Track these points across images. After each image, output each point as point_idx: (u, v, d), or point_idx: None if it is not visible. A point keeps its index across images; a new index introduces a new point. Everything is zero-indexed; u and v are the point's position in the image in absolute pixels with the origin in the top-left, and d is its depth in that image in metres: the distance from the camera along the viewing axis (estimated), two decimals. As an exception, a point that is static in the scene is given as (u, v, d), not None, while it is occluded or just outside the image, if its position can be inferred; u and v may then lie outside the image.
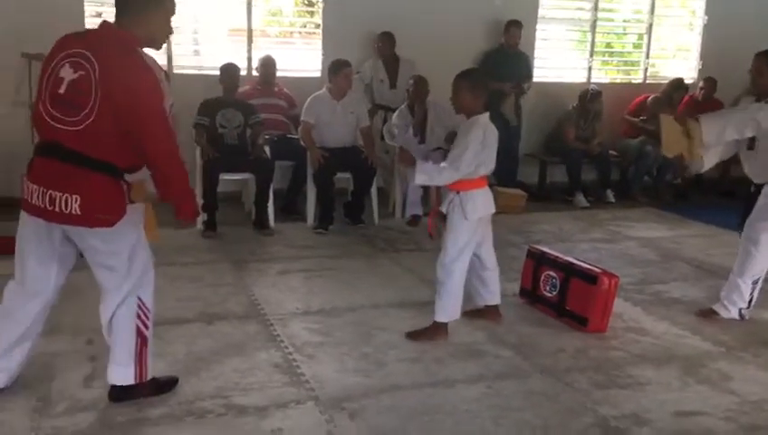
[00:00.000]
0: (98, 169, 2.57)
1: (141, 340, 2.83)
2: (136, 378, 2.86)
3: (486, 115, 3.62)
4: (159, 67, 2.68)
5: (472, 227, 3.62)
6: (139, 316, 2.81)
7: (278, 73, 6.37)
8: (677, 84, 7.48)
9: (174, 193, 2.72)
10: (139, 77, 2.56)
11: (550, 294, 4.06)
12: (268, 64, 6.32)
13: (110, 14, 6.88)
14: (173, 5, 2.74)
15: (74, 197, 2.56)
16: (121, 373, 2.85)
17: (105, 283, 2.79)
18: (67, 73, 2.56)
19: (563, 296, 3.97)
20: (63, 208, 2.57)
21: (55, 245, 2.74)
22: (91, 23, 6.18)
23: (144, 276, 2.81)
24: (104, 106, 2.52)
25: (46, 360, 3.23)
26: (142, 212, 2.81)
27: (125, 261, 2.74)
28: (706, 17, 8.14)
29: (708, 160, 3.97)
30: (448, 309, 3.66)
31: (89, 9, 6.16)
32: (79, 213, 2.57)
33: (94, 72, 2.53)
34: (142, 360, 2.86)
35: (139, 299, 2.80)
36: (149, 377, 2.91)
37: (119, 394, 2.88)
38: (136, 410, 2.88)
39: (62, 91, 2.56)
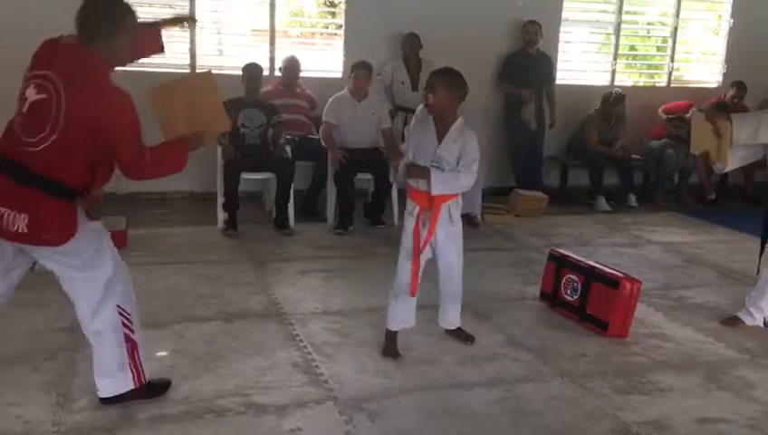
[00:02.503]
0: (48, 190, 2.53)
1: (132, 345, 2.81)
2: (134, 382, 2.84)
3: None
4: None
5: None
6: (124, 324, 2.78)
7: (300, 74, 6.39)
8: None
9: (165, 174, 2.83)
10: (107, 102, 2.53)
11: (570, 298, 4.03)
12: (292, 65, 6.33)
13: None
14: (136, 26, 2.68)
15: (22, 215, 2.53)
16: (115, 383, 2.82)
17: (70, 293, 2.76)
18: (30, 94, 2.54)
19: (584, 300, 3.94)
20: (11, 226, 2.54)
21: (6, 258, 2.70)
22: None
23: (113, 285, 2.75)
24: (68, 131, 2.48)
25: (68, 356, 3.26)
26: (100, 228, 2.76)
27: (82, 274, 2.70)
28: (732, 21, 8.04)
29: (732, 162, 3.93)
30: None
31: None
32: (26, 231, 2.54)
33: (59, 96, 2.48)
34: (137, 364, 2.84)
35: (118, 307, 2.77)
36: (147, 380, 2.89)
37: (111, 400, 2.86)
38: (157, 407, 2.90)
39: (24, 110, 2.55)
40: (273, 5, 6.60)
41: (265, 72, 6.14)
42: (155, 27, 3.01)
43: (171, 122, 2.84)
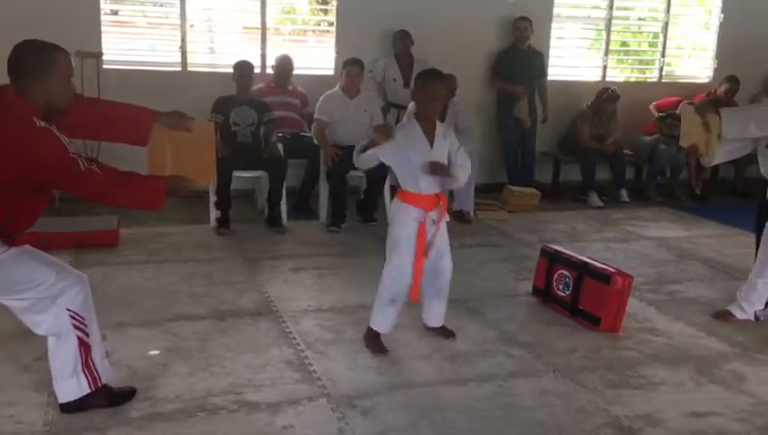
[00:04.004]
0: None
1: (84, 348, 2.76)
2: (90, 386, 2.79)
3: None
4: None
5: None
6: (75, 326, 2.72)
7: (293, 72, 6.38)
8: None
9: (126, 205, 2.86)
10: (34, 145, 2.47)
11: (563, 293, 4.04)
12: (285, 64, 6.32)
13: (126, 12, 6.92)
14: (68, 68, 2.61)
15: None
16: (71, 387, 2.78)
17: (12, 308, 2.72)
18: None
19: (576, 295, 3.95)
20: None
21: None
22: (107, 20, 6.23)
23: (56, 289, 2.68)
24: None
25: (60, 355, 3.24)
26: (22, 251, 2.66)
27: (11, 296, 2.67)
28: (723, 16, 8.06)
29: (719, 156, 3.95)
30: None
31: (105, 7, 6.19)
32: None
33: None
34: (90, 367, 2.79)
35: (68, 310, 2.70)
36: (103, 382, 2.84)
37: (70, 407, 2.81)
38: (149, 405, 2.90)
39: None
40: (264, 3, 6.59)
41: (257, 70, 6.13)
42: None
43: (158, 161, 2.83)
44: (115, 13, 6.40)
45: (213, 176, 3.06)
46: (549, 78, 7.32)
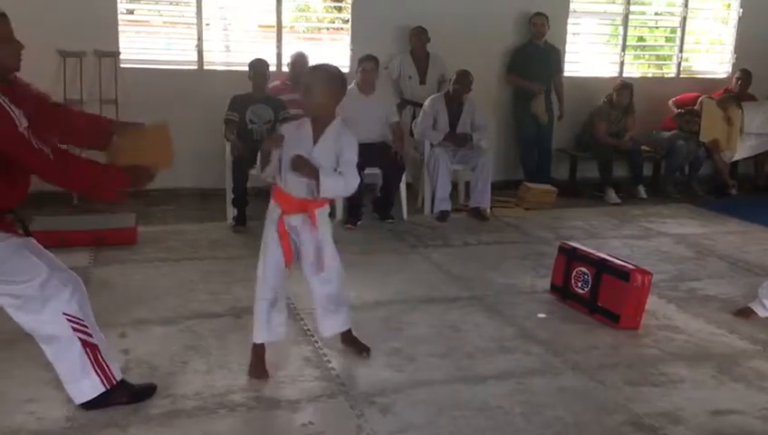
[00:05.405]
0: None
1: (90, 348, 2.73)
2: (104, 384, 2.78)
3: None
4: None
5: None
6: (74, 329, 2.69)
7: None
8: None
9: (84, 190, 2.77)
10: None
11: (581, 291, 4.02)
12: (301, 61, 6.32)
13: (142, 11, 6.95)
14: (4, 30, 2.53)
15: None
16: (84, 388, 2.77)
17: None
18: None
19: (595, 293, 3.93)
20: None
21: None
22: (123, 20, 6.26)
23: (50, 289, 2.64)
24: None
25: (81, 352, 3.26)
26: (17, 242, 2.62)
27: (8, 282, 2.62)
28: (741, 10, 7.98)
29: (741, 151, 3.91)
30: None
31: (121, 6, 6.22)
32: None
33: None
34: (101, 365, 2.77)
35: (65, 314, 2.67)
36: (119, 378, 2.84)
37: (91, 405, 2.80)
38: (169, 402, 2.91)
39: None
40: (279, 1, 6.59)
41: (273, 68, 6.14)
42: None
43: (118, 151, 2.82)
44: (131, 12, 6.43)
45: (170, 157, 2.92)
46: (565, 74, 7.28)
